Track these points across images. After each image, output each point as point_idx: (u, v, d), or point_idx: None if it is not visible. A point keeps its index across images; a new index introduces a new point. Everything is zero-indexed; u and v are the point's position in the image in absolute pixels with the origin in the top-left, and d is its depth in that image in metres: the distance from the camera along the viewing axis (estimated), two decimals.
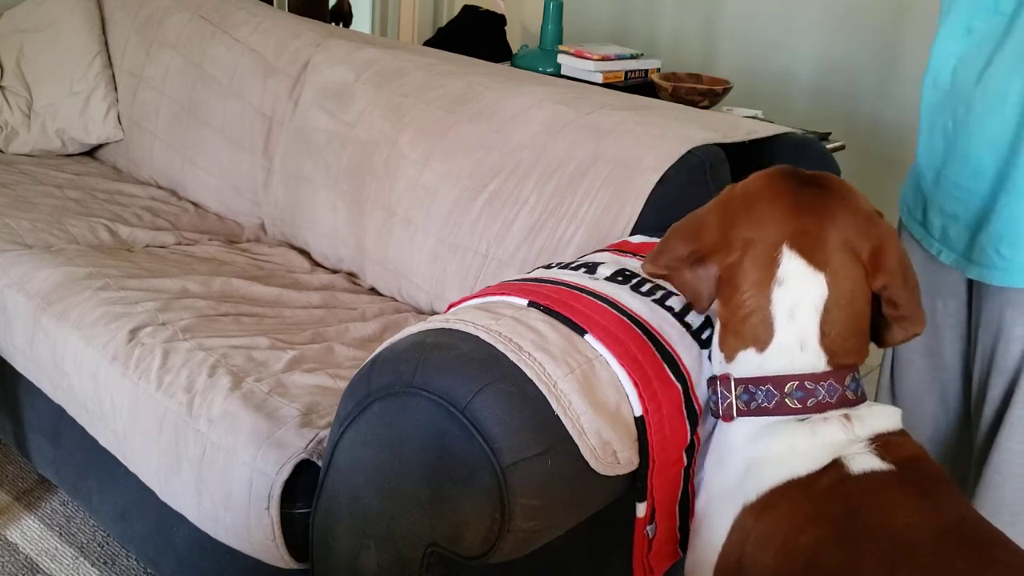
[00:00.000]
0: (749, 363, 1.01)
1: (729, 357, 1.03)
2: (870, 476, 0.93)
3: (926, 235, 1.43)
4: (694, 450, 1.09)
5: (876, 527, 0.89)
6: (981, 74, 1.26)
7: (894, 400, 1.54)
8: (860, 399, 1.00)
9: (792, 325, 0.98)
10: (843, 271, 0.98)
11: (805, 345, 0.98)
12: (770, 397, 0.99)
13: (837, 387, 0.98)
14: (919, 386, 1.51)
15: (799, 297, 0.97)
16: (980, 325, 1.37)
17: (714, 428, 1.08)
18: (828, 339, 0.98)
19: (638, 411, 1.02)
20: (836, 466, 0.94)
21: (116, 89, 2.48)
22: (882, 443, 0.96)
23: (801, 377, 0.98)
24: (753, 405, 1.00)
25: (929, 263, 1.44)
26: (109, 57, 2.50)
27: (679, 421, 1.06)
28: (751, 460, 0.99)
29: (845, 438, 0.96)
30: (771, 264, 0.98)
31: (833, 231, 0.98)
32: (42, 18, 2.51)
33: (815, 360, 0.98)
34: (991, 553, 0.87)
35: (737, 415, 1.01)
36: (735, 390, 1.01)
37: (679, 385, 1.06)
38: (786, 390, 0.98)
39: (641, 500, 1.06)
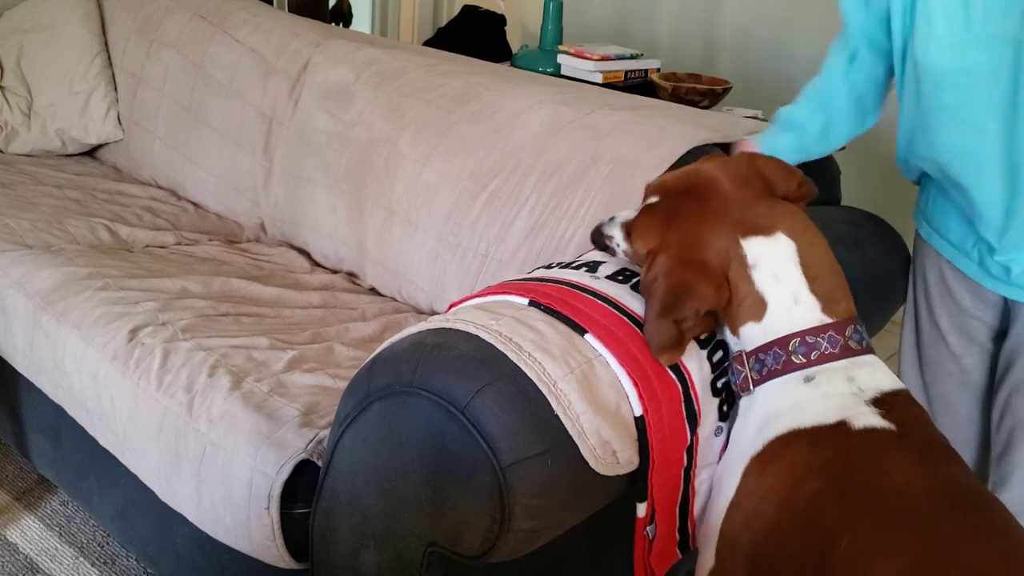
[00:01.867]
0: (754, 334, 1.05)
1: (736, 333, 1.08)
2: (871, 433, 0.96)
3: (969, 263, 1.41)
4: (694, 450, 1.09)
5: (874, 484, 0.92)
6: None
7: (928, 404, 1.53)
8: (866, 349, 1.04)
9: (780, 287, 1.04)
10: (788, 218, 1.06)
11: (798, 298, 1.04)
12: (777, 359, 1.03)
13: (838, 337, 1.02)
14: (951, 390, 1.51)
15: (775, 263, 1.04)
16: (1009, 336, 1.37)
17: (735, 410, 1.11)
18: (816, 283, 1.04)
19: (638, 411, 1.02)
20: (840, 422, 0.97)
21: (116, 89, 2.48)
22: (885, 401, 0.99)
23: (802, 333, 1.03)
24: (765, 371, 1.04)
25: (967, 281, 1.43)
26: (109, 57, 2.50)
27: (679, 421, 1.06)
28: (764, 417, 1.03)
29: (848, 391, 1.00)
30: (742, 261, 1.04)
31: (755, 203, 1.06)
32: (42, 18, 2.51)
33: (810, 309, 1.03)
34: (982, 517, 0.89)
35: (753, 386, 1.05)
36: (748, 362, 1.06)
37: (679, 385, 1.06)
38: (790, 348, 1.03)
39: (641, 500, 1.06)
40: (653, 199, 1.12)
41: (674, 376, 1.06)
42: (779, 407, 1.02)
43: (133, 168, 2.43)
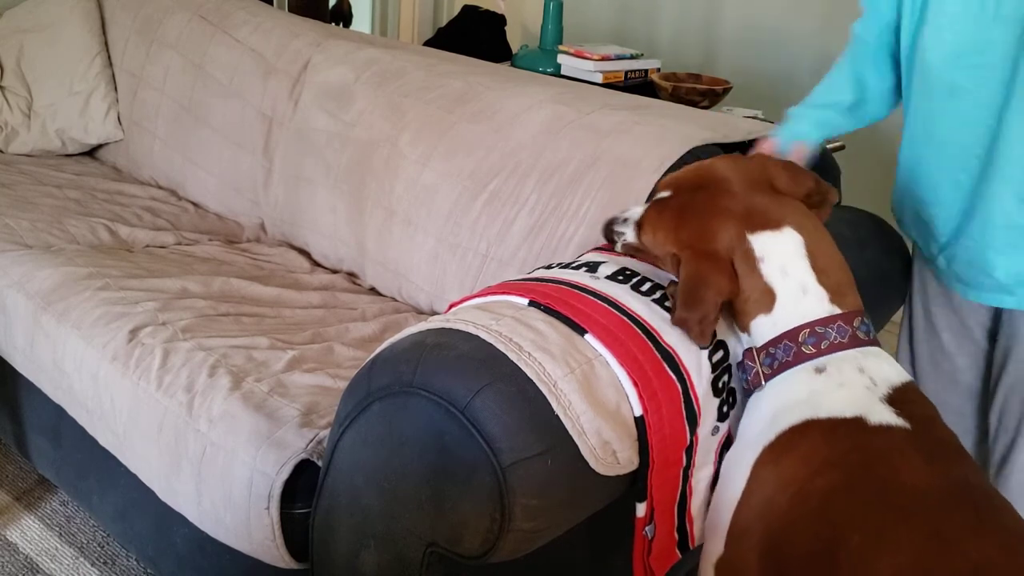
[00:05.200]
0: (764, 327, 1.07)
1: (746, 329, 1.10)
2: (887, 430, 0.97)
3: (944, 273, 1.43)
4: (693, 450, 1.09)
5: (887, 482, 0.93)
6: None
7: None
8: (872, 341, 1.06)
9: (788, 279, 1.06)
10: (795, 214, 1.08)
11: (807, 288, 1.06)
12: (788, 350, 1.05)
13: (847, 327, 1.04)
14: (943, 388, 1.51)
15: (783, 256, 1.06)
16: (1000, 337, 1.38)
17: (743, 407, 1.12)
18: (824, 275, 1.06)
19: (638, 411, 1.02)
20: (856, 417, 0.99)
21: (116, 89, 2.48)
22: (897, 398, 1.00)
23: (811, 324, 1.04)
24: (776, 365, 1.06)
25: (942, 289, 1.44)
26: (109, 57, 2.50)
27: (679, 421, 1.06)
28: (776, 409, 1.04)
29: (861, 383, 1.01)
30: (748, 255, 1.07)
31: (759, 195, 1.09)
32: (42, 18, 2.51)
33: (819, 300, 1.05)
34: (989, 517, 0.90)
35: (765, 381, 1.07)
36: (759, 358, 1.07)
37: (679, 385, 1.06)
38: (800, 339, 1.04)
39: (641, 500, 1.06)
40: (664, 194, 1.14)
41: (674, 376, 1.06)
42: (791, 398, 1.03)
43: (133, 168, 2.43)
